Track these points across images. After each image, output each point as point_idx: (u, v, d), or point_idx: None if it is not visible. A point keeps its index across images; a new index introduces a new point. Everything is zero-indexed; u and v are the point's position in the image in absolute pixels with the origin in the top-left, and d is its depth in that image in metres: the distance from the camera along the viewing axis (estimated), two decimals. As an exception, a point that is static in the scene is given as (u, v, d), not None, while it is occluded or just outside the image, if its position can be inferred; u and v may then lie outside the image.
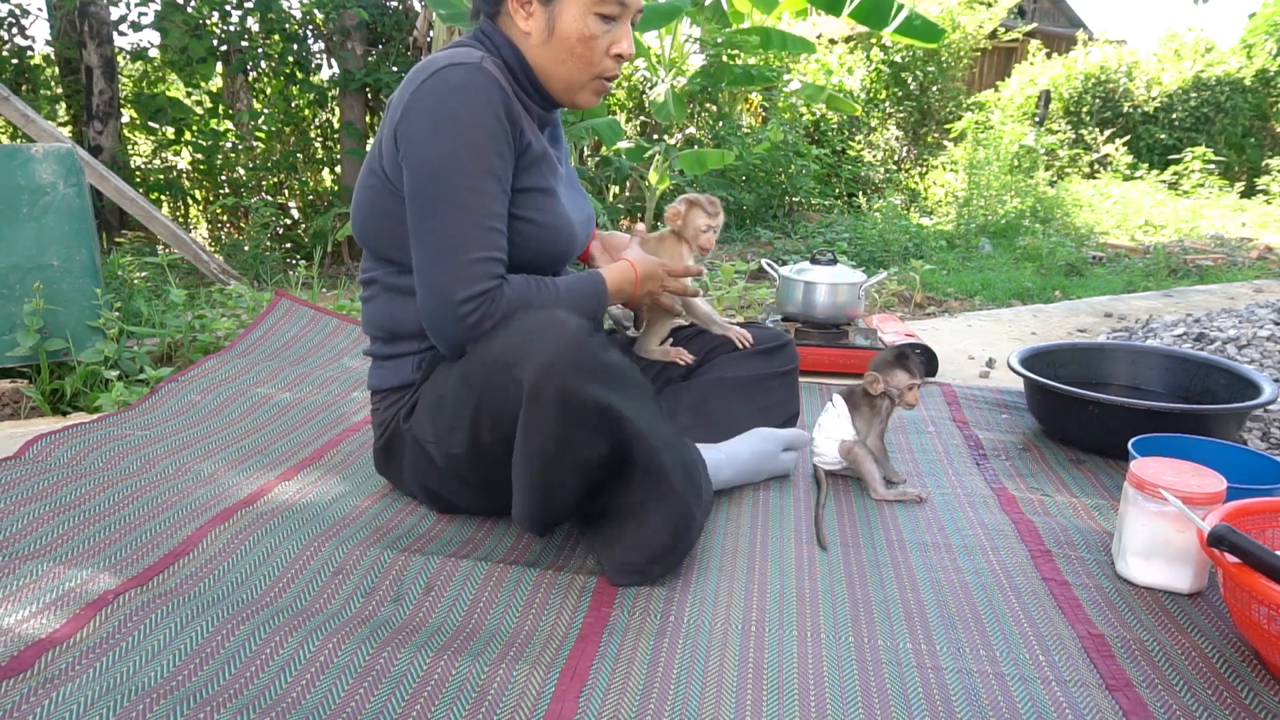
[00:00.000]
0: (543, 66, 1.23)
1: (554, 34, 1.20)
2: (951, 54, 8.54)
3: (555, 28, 1.20)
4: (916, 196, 7.43)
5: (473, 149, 1.14)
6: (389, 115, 1.20)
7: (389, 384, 1.34)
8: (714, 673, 0.96)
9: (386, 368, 1.34)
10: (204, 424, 1.71)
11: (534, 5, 1.19)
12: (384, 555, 1.19)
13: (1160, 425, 1.50)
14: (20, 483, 1.37)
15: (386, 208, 1.22)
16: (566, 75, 1.23)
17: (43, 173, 2.16)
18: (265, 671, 0.94)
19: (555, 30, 1.20)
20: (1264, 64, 9.22)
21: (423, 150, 1.14)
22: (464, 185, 1.14)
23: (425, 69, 1.16)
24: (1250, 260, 4.83)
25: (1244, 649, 1.01)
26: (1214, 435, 1.51)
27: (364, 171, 1.26)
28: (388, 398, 1.35)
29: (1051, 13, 14.78)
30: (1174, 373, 1.86)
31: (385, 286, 1.30)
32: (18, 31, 5.35)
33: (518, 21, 1.21)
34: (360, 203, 1.27)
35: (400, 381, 1.32)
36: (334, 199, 5.75)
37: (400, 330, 1.31)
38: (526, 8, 1.20)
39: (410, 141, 1.15)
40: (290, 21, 5.58)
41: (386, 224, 1.23)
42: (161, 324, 2.47)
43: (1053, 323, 3.00)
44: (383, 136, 1.21)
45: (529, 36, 1.21)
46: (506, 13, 1.22)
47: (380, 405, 1.36)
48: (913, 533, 1.32)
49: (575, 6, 1.18)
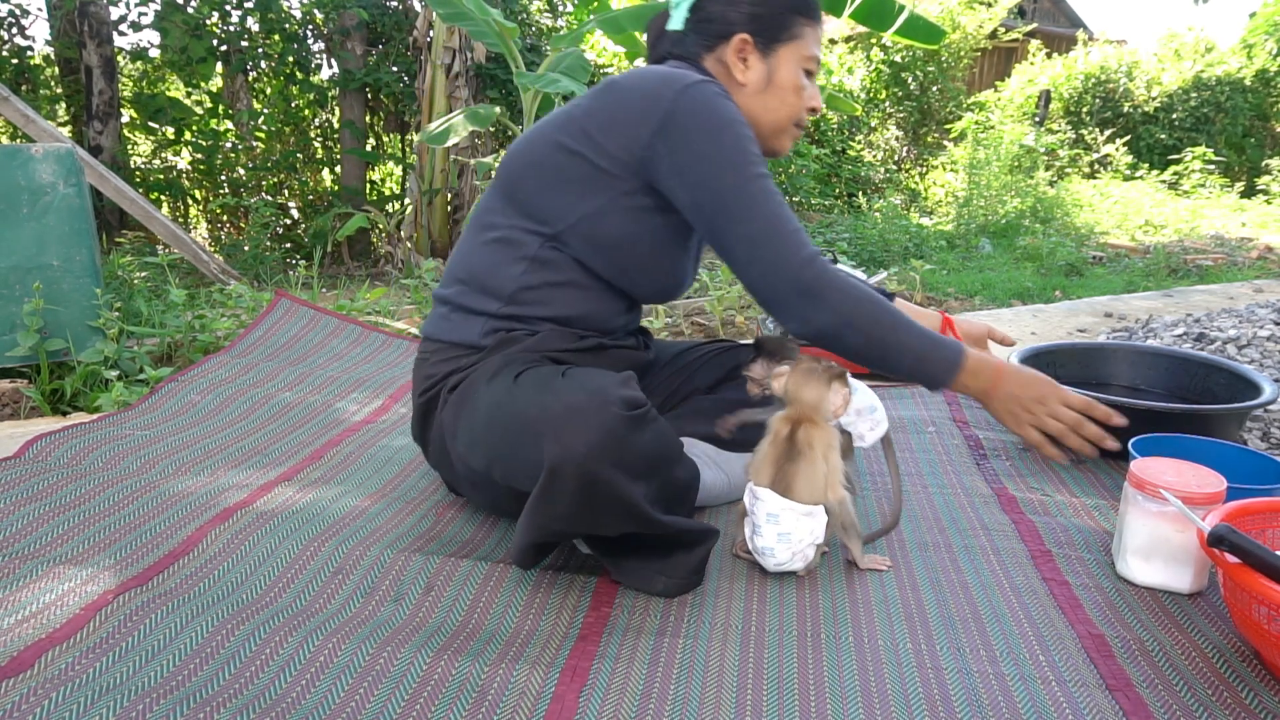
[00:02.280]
0: (753, 112, 1.30)
1: (772, 84, 1.31)
2: (951, 54, 8.54)
3: (774, 78, 1.30)
4: (916, 196, 7.44)
5: (752, 147, 1.21)
6: (610, 113, 1.21)
7: (449, 337, 1.29)
8: (714, 673, 0.96)
9: (453, 319, 1.29)
10: (204, 424, 1.71)
11: (752, 58, 1.29)
12: (384, 555, 1.19)
13: (1159, 425, 1.50)
14: (20, 483, 1.37)
15: (575, 173, 1.23)
16: (775, 121, 1.33)
17: (43, 173, 2.16)
18: (265, 671, 0.94)
19: (774, 80, 1.30)
20: (1264, 64, 9.22)
21: (714, 150, 1.18)
22: (758, 174, 1.19)
23: (673, 80, 1.19)
24: (1250, 260, 4.83)
25: (1244, 649, 1.01)
26: (1213, 435, 1.51)
27: (543, 142, 1.25)
28: (442, 351, 1.29)
29: (1051, 13, 14.77)
30: (1174, 373, 1.86)
31: (504, 238, 1.27)
32: (18, 31, 5.35)
33: (735, 73, 1.30)
34: (535, 162, 1.26)
35: (460, 339, 1.28)
36: (334, 199, 5.76)
37: (489, 284, 1.27)
38: (745, 60, 1.30)
39: (693, 143, 1.18)
40: (290, 21, 5.58)
41: (559, 186, 1.23)
42: (161, 324, 2.47)
43: (1053, 323, 3.00)
44: (586, 125, 1.22)
45: (744, 86, 1.30)
46: (716, 59, 1.31)
47: (431, 357, 1.30)
48: (913, 533, 1.32)
49: (790, 61, 1.30)
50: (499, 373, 1.17)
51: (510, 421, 1.08)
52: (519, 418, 1.07)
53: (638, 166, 1.20)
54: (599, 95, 1.24)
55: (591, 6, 5.09)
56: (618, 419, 0.99)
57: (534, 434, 1.02)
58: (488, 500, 1.30)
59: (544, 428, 1.00)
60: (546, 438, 0.99)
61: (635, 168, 1.21)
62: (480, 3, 3.68)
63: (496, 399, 1.13)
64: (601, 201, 1.22)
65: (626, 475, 1.00)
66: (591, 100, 1.24)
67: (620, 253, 1.26)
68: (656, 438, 1.07)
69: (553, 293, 1.26)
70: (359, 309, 2.80)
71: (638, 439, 1.02)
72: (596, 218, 1.23)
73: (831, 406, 1.18)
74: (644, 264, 1.28)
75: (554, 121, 1.27)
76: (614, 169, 1.21)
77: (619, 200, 1.22)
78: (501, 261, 1.27)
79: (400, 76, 5.64)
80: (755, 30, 1.28)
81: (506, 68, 5.27)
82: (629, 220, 1.24)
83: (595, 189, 1.22)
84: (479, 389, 1.18)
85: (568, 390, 1.04)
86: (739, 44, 1.28)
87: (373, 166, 6.26)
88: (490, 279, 1.27)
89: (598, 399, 1.01)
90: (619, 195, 1.22)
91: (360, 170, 5.87)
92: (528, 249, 1.25)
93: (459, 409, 1.21)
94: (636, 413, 1.02)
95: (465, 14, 3.80)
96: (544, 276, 1.26)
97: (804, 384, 1.18)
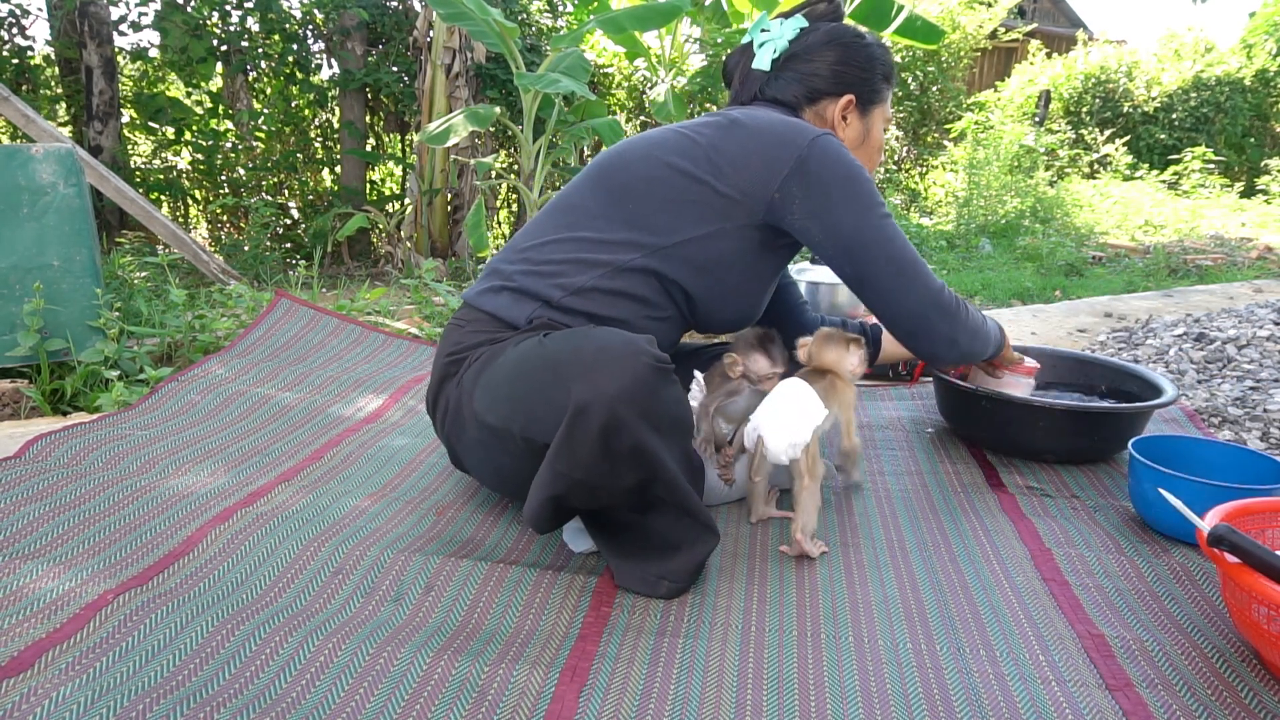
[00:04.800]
0: None
1: (868, 139, 1.45)
2: (951, 54, 8.54)
3: (870, 134, 1.45)
4: (916, 196, 7.44)
5: (877, 192, 1.31)
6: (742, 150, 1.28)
7: (495, 311, 1.29)
8: (714, 673, 0.96)
9: (504, 297, 1.29)
10: (204, 424, 1.71)
11: (852, 117, 1.42)
12: (384, 555, 1.19)
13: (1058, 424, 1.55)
14: (20, 483, 1.37)
15: (695, 196, 1.28)
16: None
17: (43, 173, 2.16)
18: (265, 671, 0.94)
19: (870, 136, 1.45)
20: (1264, 64, 9.23)
21: (851, 194, 1.27)
22: (888, 214, 1.31)
23: (803, 129, 1.28)
24: (1250, 260, 4.83)
25: (1244, 649, 1.01)
26: (1119, 434, 1.55)
27: (656, 163, 1.30)
28: (481, 323, 1.30)
29: (1051, 13, 14.78)
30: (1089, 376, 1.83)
31: (595, 239, 1.29)
32: (18, 31, 5.35)
33: (838, 130, 1.41)
34: (650, 178, 1.29)
35: (506, 316, 1.28)
36: (334, 199, 5.76)
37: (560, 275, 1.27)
38: (848, 116, 1.41)
39: (830, 189, 1.26)
40: (290, 21, 5.58)
41: (676, 206, 1.28)
42: (161, 324, 2.47)
43: (1052, 323, 3.00)
44: (714, 157, 1.28)
45: (842, 142, 1.35)
46: (816, 113, 1.41)
47: (467, 325, 1.31)
48: (913, 533, 1.32)
49: (880, 120, 1.45)
50: (527, 339, 1.20)
51: (540, 367, 1.12)
52: (549, 362, 1.11)
53: (765, 205, 1.27)
54: (725, 130, 1.30)
55: (591, 6, 5.09)
56: (648, 368, 1.04)
57: (564, 375, 1.06)
58: (493, 468, 1.28)
59: (576, 369, 1.05)
60: (577, 379, 1.03)
61: (761, 205, 1.27)
62: (480, 3, 3.68)
63: (525, 353, 1.16)
64: (715, 228, 1.28)
65: (650, 426, 1.04)
66: (716, 133, 1.30)
67: (715, 276, 1.31)
68: (679, 400, 1.12)
69: (618, 301, 1.28)
70: (359, 309, 2.80)
71: (664, 392, 1.07)
72: (706, 241, 1.28)
73: (850, 365, 1.35)
74: (734, 290, 1.35)
75: (666, 145, 1.31)
76: (737, 201, 1.27)
77: (732, 229, 1.29)
78: (583, 258, 1.28)
79: (400, 76, 5.64)
80: (858, 92, 1.40)
81: (506, 68, 5.27)
82: (736, 248, 1.30)
83: (712, 215, 1.28)
84: (506, 351, 1.21)
85: (601, 337, 1.09)
86: (846, 103, 1.40)
87: (373, 166, 6.26)
88: (563, 271, 1.28)
89: (631, 347, 1.06)
90: (734, 225, 1.29)
91: (360, 170, 5.87)
92: (617, 255, 1.27)
93: (482, 371, 1.22)
94: (665, 366, 1.07)
95: (465, 14, 3.81)
96: (618, 284, 1.27)
97: (825, 347, 1.35)
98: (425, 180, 5.24)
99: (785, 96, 1.40)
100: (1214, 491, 1.19)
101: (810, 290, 2.23)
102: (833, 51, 1.39)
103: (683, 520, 1.13)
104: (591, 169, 1.36)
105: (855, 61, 1.39)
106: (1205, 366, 2.29)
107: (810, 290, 2.23)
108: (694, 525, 1.13)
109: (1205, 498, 1.14)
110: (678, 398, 1.11)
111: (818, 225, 1.27)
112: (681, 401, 1.13)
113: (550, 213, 1.36)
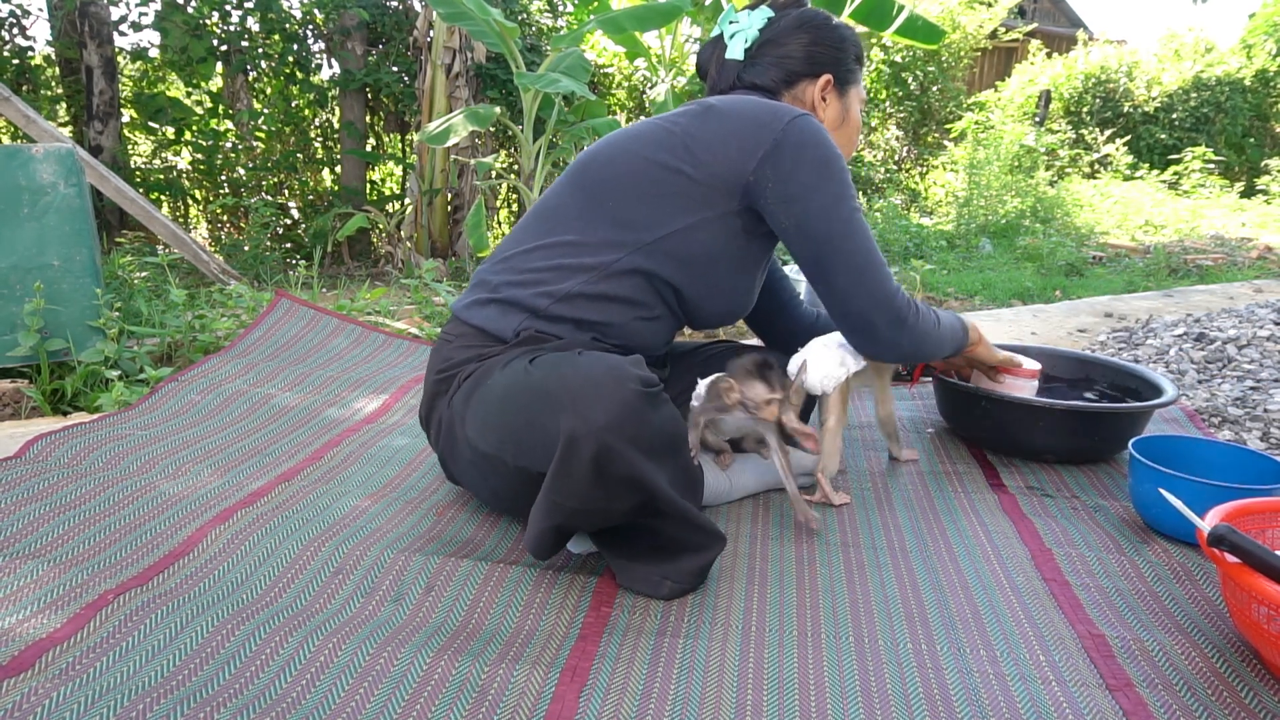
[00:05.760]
0: None
1: (847, 119, 1.44)
2: (952, 54, 8.54)
3: (849, 115, 1.44)
4: (916, 196, 7.44)
5: (850, 180, 1.29)
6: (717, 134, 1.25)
7: (481, 324, 1.28)
8: (714, 673, 0.96)
9: (491, 310, 1.28)
10: (204, 424, 1.71)
11: (831, 97, 1.40)
12: (384, 555, 1.19)
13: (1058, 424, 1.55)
14: (20, 483, 1.37)
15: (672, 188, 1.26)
16: (845, 155, 1.40)
17: (43, 173, 2.16)
18: (265, 671, 0.94)
19: (849, 116, 1.44)
20: (1264, 64, 9.23)
21: (822, 181, 1.24)
22: (858, 206, 1.28)
23: (780, 110, 1.25)
24: (1250, 260, 4.83)
25: (1244, 649, 1.01)
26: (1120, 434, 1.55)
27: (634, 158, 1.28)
28: (469, 337, 1.29)
29: (1051, 13, 14.78)
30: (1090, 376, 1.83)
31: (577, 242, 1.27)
32: (18, 32, 5.35)
33: (818, 111, 1.40)
34: (627, 174, 1.27)
35: (492, 329, 1.27)
36: (334, 199, 5.76)
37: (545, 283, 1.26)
38: (827, 97, 1.39)
39: (802, 173, 1.24)
40: (290, 21, 5.58)
41: (655, 199, 1.26)
42: (161, 324, 2.47)
43: (1053, 323, 3.00)
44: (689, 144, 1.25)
45: (821, 123, 1.33)
46: (794, 95, 1.39)
47: (455, 340, 1.30)
48: (913, 533, 1.32)
49: (856, 101, 1.44)
50: (514, 360, 1.18)
51: (527, 397, 1.10)
52: (536, 392, 1.09)
53: (742, 189, 1.25)
54: (700, 117, 1.27)
55: (591, 6, 5.09)
56: (635, 394, 1.02)
57: (552, 406, 1.04)
58: (489, 489, 1.28)
59: (563, 399, 1.03)
60: (565, 409, 1.01)
61: (739, 190, 1.25)
62: (480, 3, 3.68)
63: (512, 379, 1.14)
64: (697, 218, 1.26)
65: (641, 452, 1.03)
66: (691, 121, 1.27)
67: (704, 269, 1.29)
68: (670, 418, 1.10)
69: (607, 305, 1.26)
70: (359, 309, 2.80)
71: (653, 416, 1.05)
72: (689, 232, 1.26)
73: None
74: (722, 283, 1.33)
75: (644, 138, 1.29)
76: (715, 188, 1.25)
77: (713, 218, 1.26)
78: (567, 263, 1.27)
79: (400, 76, 5.64)
80: (834, 71, 1.39)
81: (506, 68, 5.27)
82: (719, 238, 1.28)
83: (692, 205, 1.26)
84: (494, 374, 1.19)
85: (586, 365, 1.06)
86: (825, 83, 1.38)
87: (373, 166, 6.26)
88: (547, 278, 1.27)
89: (616, 374, 1.04)
90: (715, 214, 1.26)
91: (360, 170, 5.87)
92: (601, 257, 1.25)
93: (471, 394, 1.21)
94: (652, 390, 1.05)
95: (465, 14, 3.81)
96: (605, 288, 1.25)
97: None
98: (425, 180, 5.24)
99: (763, 81, 1.39)
100: (1214, 491, 1.19)
101: (810, 291, 2.23)
102: (805, 34, 1.38)
103: (686, 528, 1.13)
104: (571, 169, 1.34)
105: (828, 42, 1.39)
106: (1205, 366, 2.29)
107: (810, 291, 2.23)
108: (698, 531, 1.13)
109: (1205, 498, 1.14)
110: (668, 416, 1.09)
111: (785, 211, 1.25)
112: (672, 419, 1.10)
113: (533, 218, 1.34)
